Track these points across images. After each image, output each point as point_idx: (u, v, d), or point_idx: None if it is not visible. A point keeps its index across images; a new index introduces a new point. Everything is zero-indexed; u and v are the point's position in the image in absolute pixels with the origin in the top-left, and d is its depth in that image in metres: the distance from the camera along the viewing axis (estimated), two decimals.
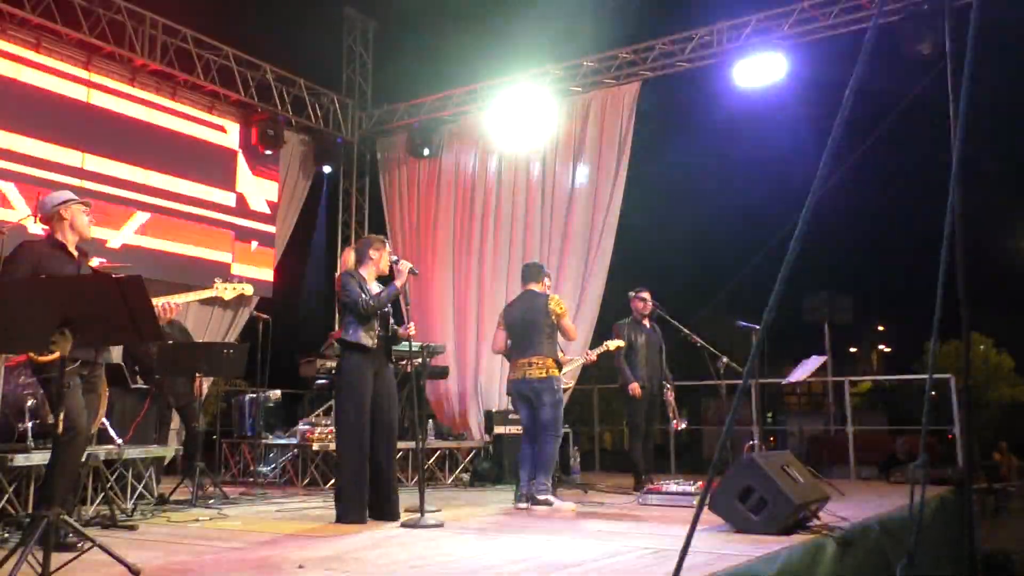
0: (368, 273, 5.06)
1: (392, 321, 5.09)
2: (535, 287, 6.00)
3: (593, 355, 6.84)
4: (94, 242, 4.26)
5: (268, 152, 10.14)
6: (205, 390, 6.78)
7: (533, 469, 5.79)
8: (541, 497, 5.64)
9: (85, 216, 4.11)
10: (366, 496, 4.81)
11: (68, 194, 4.15)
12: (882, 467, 9.09)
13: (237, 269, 9.75)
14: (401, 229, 10.93)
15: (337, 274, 5.46)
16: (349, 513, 4.74)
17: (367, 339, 4.85)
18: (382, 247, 5.15)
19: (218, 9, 9.67)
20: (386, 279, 5.27)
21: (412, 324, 5.02)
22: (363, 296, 4.87)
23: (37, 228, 4.46)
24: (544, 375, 5.75)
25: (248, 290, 4.63)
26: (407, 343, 5.13)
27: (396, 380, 5.15)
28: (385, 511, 4.85)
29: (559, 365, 5.87)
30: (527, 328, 5.85)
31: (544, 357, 5.76)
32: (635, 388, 7.05)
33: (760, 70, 8.48)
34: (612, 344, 6.92)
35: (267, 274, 10.15)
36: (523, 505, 5.74)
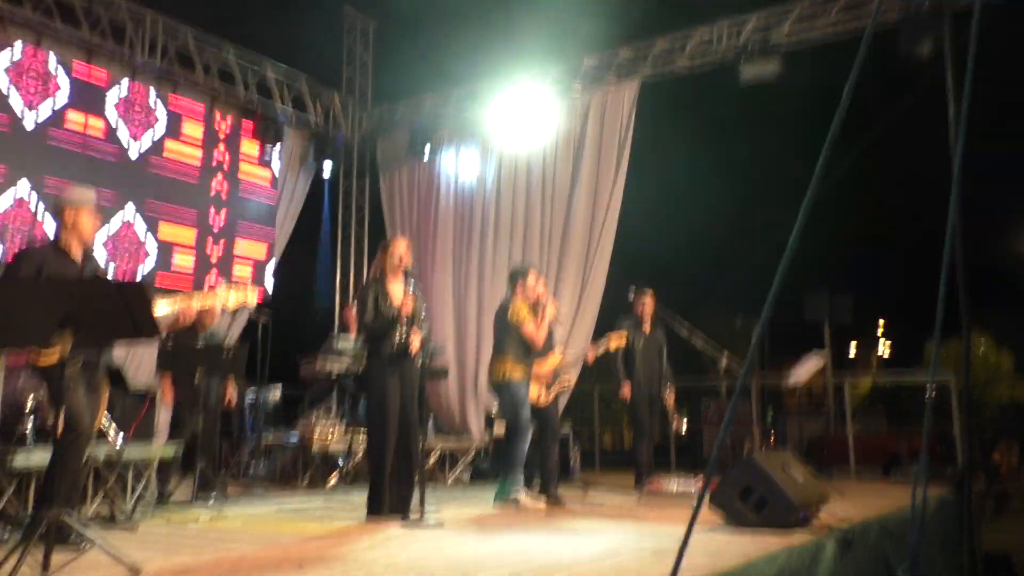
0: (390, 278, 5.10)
1: (426, 326, 5.16)
2: (514, 293, 6.04)
3: (590, 356, 6.84)
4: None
5: (268, 151, 10.14)
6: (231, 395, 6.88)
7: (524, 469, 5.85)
8: (511, 496, 5.69)
9: (91, 221, 4.06)
10: (386, 493, 4.88)
11: (81, 194, 4.10)
12: (885, 468, 9.10)
13: (237, 270, 9.76)
14: (401, 229, 10.92)
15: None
16: (376, 508, 4.85)
17: (386, 345, 4.93)
18: (383, 253, 5.16)
19: (218, 8, 9.68)
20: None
21: (416, 339, 5.03)
22: (368, 315, 4.95)
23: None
24: (499, 379, 5.82)
25: (252, 298, 4.65)
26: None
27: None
28: (398, 505, 4.89)
29: (521, 367, 5.83)
30: (495, 335, 6.01)
31: (501, 362, 5.83)
32: (624, 391, 7.05)
33: (759, 70, 8.47)
34: (613, 343, 6.91)
35: (267, 274, 10.15)
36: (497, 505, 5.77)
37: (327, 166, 11.00)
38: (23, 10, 7.84)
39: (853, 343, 37.57)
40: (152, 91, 9.06)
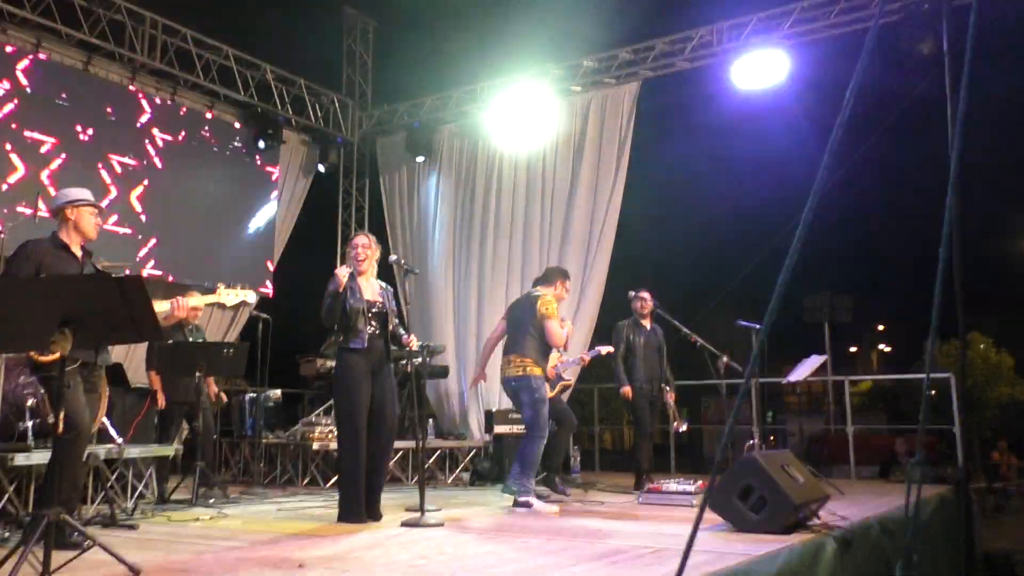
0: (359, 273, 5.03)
1: (398, 323, 5.09)
2: (544, 288, 5.90)
3: (587, 357, 6.82)
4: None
5: (268, 152, 10.15)
6: (213, 392, 6.84)
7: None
8: (521, 499, 5.48)
9: (92, 219, 4.08)
10: (363, 496, 4.80)
11: (80, 193, 4.10)
12: (883, 467, 9.11)
13: (237, 270, 9.75)
14: (401, 229, 10.94)
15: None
16: (347, 514, 4.74)
17: (355, 340, 4.81)
18: (350, 248, 5.05)
19: (218, 9, 9.68)
20: (387, 277, 5.26)
21: (413, 336, 5.00)
22: (324, 303, 4.83)
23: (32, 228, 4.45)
24: (520, 373, 5.62)
25: (251, 297, 4.64)
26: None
27: (396, 380, 5.12)
28: (370, 510, 4.82)
29: (542, 365, 5.72)
30: (516, 326, 5.82)
31: (523, 356, 5.65)
32: (625, 391, 7.04)
33: (760, 70, 8.47)
34: (604, 350, 6.90)
35: (267, 273, 10.16)
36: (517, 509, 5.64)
37: (327, 167, 11.00)
38: (23, 10, 7.85)
39: (853, 345, 37.59)
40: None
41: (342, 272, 4.79)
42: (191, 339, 6.48)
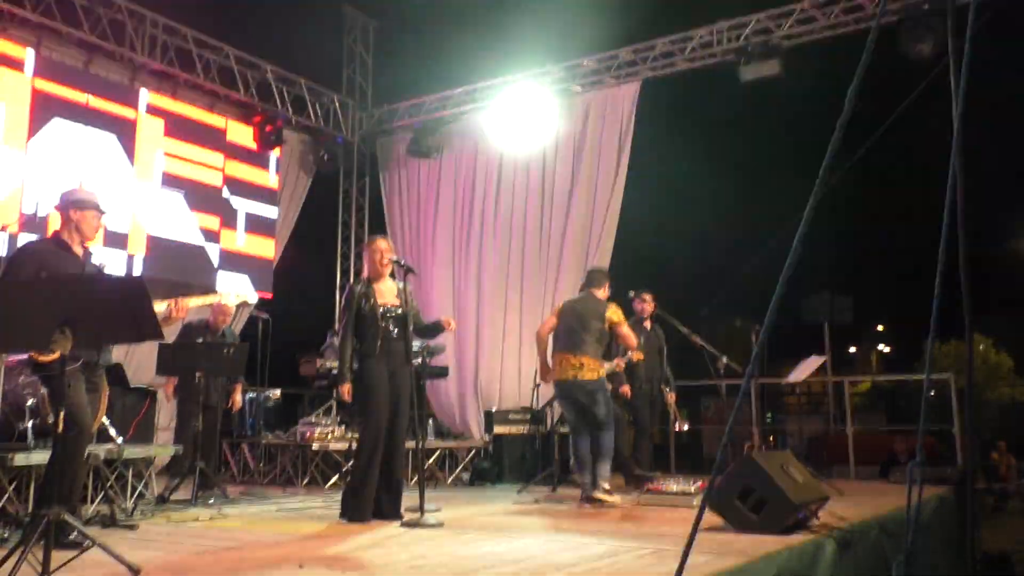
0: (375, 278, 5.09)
1: (419, 315, 5.22)
2: (596, 291, 6.13)
3: (622, 363, 6.81)
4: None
5: (268, 152, 10.15)
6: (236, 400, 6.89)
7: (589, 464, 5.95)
8: (596, 495, 5.72)
9: (95, 222, 4.10)
10: (371, 497, 4.83)
11: (87, 196, 4.12)
12: (883, 467, 9.09)
13: (237, 269, 9.75)
14: (401, 229, 10.93)
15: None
16: (351, 511, 4.76)
17: (373, 346, 4.90)
18: (372, 251, 5.12)
19: (218, 9, 9.67)
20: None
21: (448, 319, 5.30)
22: (343, 325, 5.02)
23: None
24: (595, 377, 5.91)
25: (252, 297, 4.66)
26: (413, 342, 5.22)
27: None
28: (388, 510, 4.86)
29: (603, 367, 6.06)
30: (579, 327, 5.96)
31: (594, 359, 5.92)
32: (624, 390, 7.06)
33: (760, 70, 8.47)
34: (634, 355, 6.92)
35: (267, 273, 10.15)
36: (587, 506, 5.78)
37: (327, 166, 10.99)
38: (23, 10, 7.84)
39: (853, 345, 37.59)
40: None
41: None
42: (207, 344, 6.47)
